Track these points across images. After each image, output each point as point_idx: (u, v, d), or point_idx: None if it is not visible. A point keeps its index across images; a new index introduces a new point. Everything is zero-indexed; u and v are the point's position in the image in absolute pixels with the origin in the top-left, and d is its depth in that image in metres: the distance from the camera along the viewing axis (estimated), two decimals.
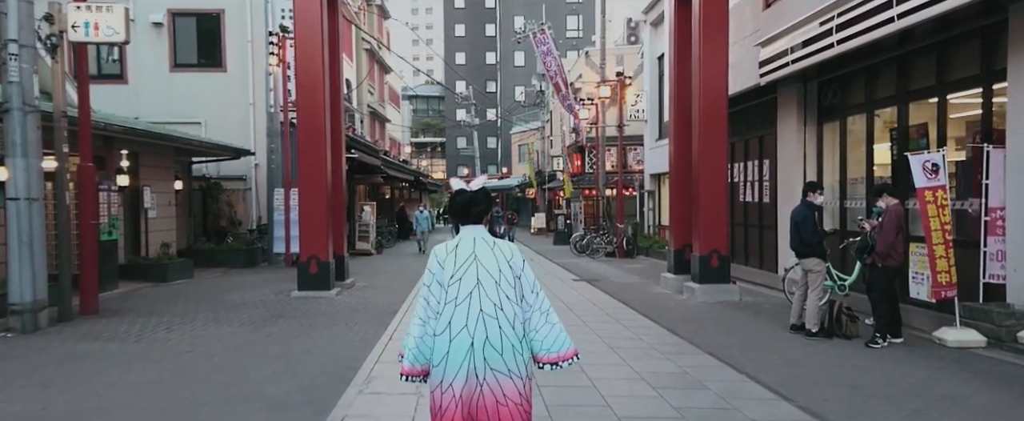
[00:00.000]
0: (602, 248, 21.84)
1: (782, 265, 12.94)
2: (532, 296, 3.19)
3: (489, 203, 3.31)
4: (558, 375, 6.24)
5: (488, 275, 3.10)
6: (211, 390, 5.82)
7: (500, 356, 3.04)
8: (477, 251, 3.14)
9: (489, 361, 3.02)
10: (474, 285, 3.08)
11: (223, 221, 19.35)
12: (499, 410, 3.04)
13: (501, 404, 3.05)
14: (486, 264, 3.12)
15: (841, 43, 9.84)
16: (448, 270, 3.12)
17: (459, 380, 3.02)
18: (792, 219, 8.34)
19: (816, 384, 5.99)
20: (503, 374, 3.04)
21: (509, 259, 3.16)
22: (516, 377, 3.07)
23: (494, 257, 3.14)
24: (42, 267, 8.44)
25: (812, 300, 8.05)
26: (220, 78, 19.88)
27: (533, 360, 3.19)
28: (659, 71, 22.74)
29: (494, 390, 3.04)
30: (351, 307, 10.56)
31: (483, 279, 3.09)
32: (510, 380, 3.06)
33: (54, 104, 8.89)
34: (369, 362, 6.66)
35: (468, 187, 3.27)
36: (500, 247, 3.19)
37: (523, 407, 3.10)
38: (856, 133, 11.55)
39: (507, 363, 3.05)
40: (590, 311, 10.27)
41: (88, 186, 9.70)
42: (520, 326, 3.12)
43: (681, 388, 5.89)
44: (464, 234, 3.21)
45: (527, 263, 3.25)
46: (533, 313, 3.18)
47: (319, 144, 11.76)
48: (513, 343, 3.07)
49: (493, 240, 3.22)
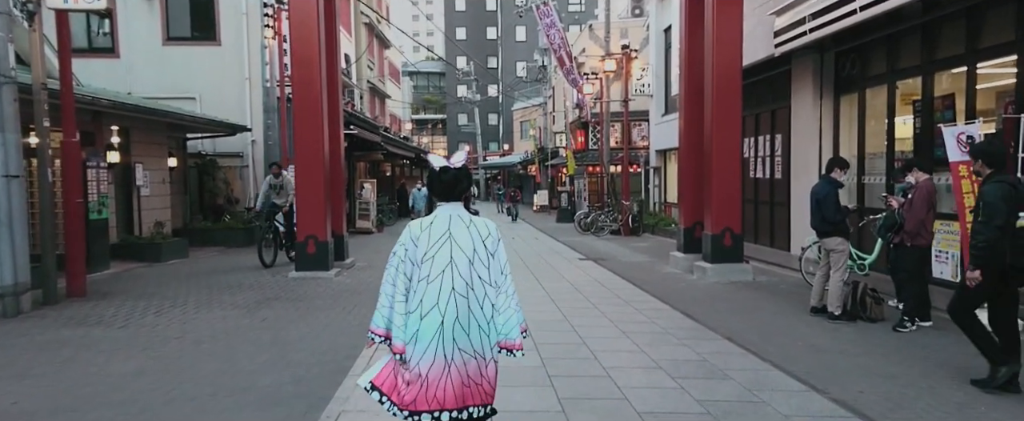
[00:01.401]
0: (607, 226, 21.42)
1: (796, 243, 12.53)
2: (501, 278, 3.17)
3: (470, 181, 3.30)
4: (570, 364, 5.91)
5: (462, 253, 3.07)
6: (198, 382, 5.42)
7: (467, 336, 3.02)
8: (452, 229, 3.10)
9: (457, 341, 3.01)
10: (447, 263, 3.04)
11: (220, 199, 18.91)
12: (464, 391, 3.03)
13: (466, 385, 3.03)
14: (461, 242, 3.08)
15: (863, 9, 9.33)
16: (421, 247, 3.08)
17: (426, 360, 3.00)
18: (813, 196, 7.88)
19: (847, 373, 5.58)
20: (469, 355, 3.03)
21: (484, 238, 3.13)
22: (481, 358, 3.06)
23: (469, 235, 3.11)
24: (24, 248, 8.01)
25: (835, 281, 7.62)
26: (215, 52, 19.33)
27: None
28: (665, 44, 22.17)
29: (460, 370, 3.02)
30: (350, 288, 10.15)
31: (457, 257, 3.06)
32: (475, 361, 3.05)
33: (33, 75, 8.40)
34: (368, 350, 6.25)
35: (451, 164, 3.19)
36: (476, 225, 3.16)
37: (483, 387, 3.08)
38: (876, 105, 11.07)
39: (473, 343, 3.04)
40: (599, 292, 9.86)
41: (73, 163, 9.25)
42: (490, 307, 3.10)
43: (702, 378, 5.49)
44: (440, 212, 3.16)
45: (501, 243, 3.22)
46: (500, 295, 3.16)
47: (315, 119, 11.30)
48: (480, 323, 3.06)
49: (469, 218, 3.18)
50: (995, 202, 4.85)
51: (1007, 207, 4.85)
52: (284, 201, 12.90)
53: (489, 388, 3.11)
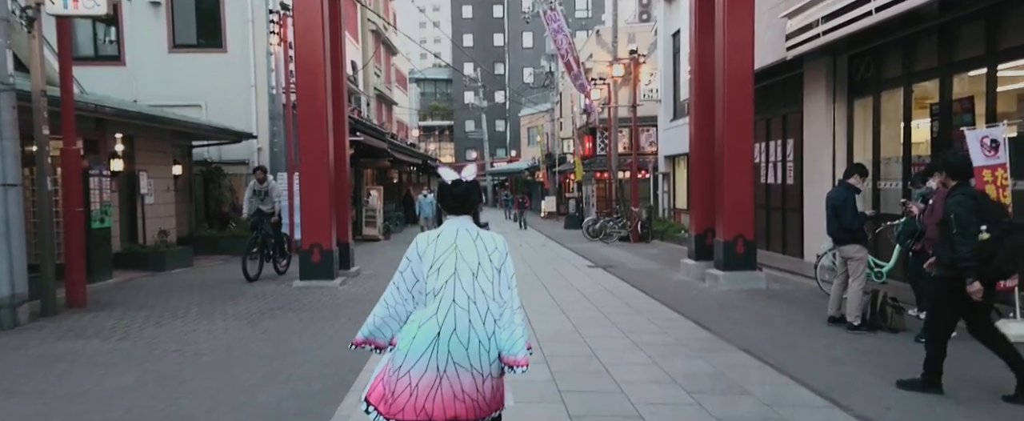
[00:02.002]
0: (616, 232, 21.20)
1: (808, 250, 12.30)
2: (508, 292, 3.08)
3: (481, 194, 3.26)
4: (581, 379, 5.68)
5: (466, 267, 3.01)
6: (197, 397, 5.23)
7: (465, 350, 2.93)
8: (458, 242, 3.05)
9: (453, 354, 2.92)
10: (450, 275, 2.99)
11: (225, 207, 18.76)
12: (455, 404, 2.93)
13: (458, 399, 2.93)
14: (466, 255, 3.03)
15: (879, 10, 9.11)
16: (427, 260, 3.04)
17: (418, 369, 2.92)
18: (830, 203, 7.64)
19: (871, 388, 5.34)
20: (465, 369, 2.93)
21: (491, 252, 3.07)
22: (477, 373, 2.95)
23: (474, 249, 3.05)
24: (21, 258, 7.84)
25: (854, 290, 7.38)
26: (220, 59, 19.22)
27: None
28: (674, 48, 21.98)
29: (453, 384, 2.93)
30: (355, 298, 9.96)
31: (460, 270, 3.00)
32: (470, 376, 2.94)
33: (32, 82, 8.25)
34: (371, 363, 6.04)
35: (462, 176, 3.14)
36: (483, 239, 3.09)
37: (478, 403, 2.96)
38: (891, 109, 10.85)
39: (470, 358, 2.93)
40: (609, 301, 9.64)
41: (73, 171, 9.09)
42: (491, 323, 2.99)
43: (720, 393, 5.26)
44: (447, 225, 3.12)
45: (509, 257, 3.14)
46: (505, 309, 3.05)
47: (320, 126, 11.14)
48: (481, 339, 2.96)
49: (476, 231, 3.12)
50: (963, 213, 4.93)
51: (977, 219, 4.91)
52: (270, 208, 12.13)
53: (484, 404, 3.00)
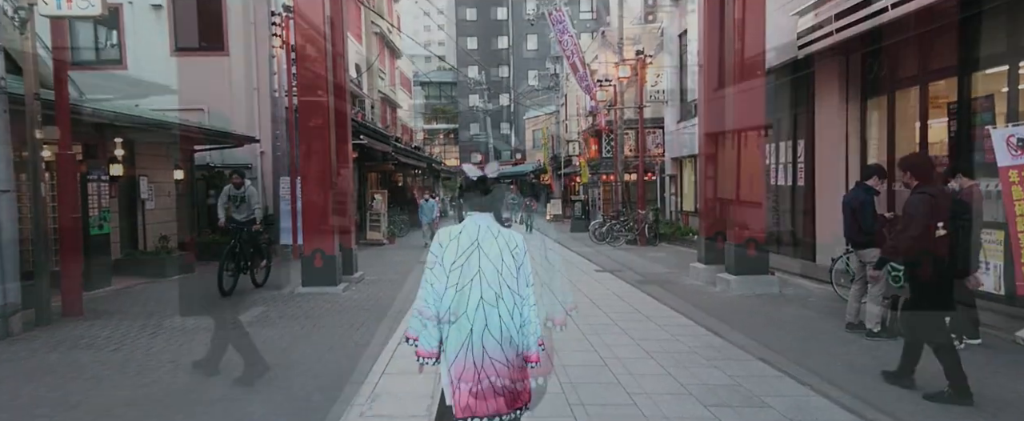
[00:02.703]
0: (623, 235, 20.92)
1: (821, 254, 12.01)
2: (526, 289, 3.16)
3: (504, 192, 3.34)
4: (593, 390, 5.42)
5: (490, 263, 3.08)
6: (190, 413, 5.00)
7: (499, 344, 3.03)
8: (480, 239, 3.11)
9: (488, 349, 3.02)
10: (475, 272, 3.06)
11: None
12: (496, 398, 3.03)
13: (498, 393, 3.03)
14: (488, 252, 3.09)
15: (895, 7, 8.84)
16: (450, 255, 3.10)
17: (457, 368, 3.03)
18: (847, 205, 7.39)
19: (896, 400, 5.09)
20: (501, 363, 3.04)
21: (513, 249, 3.13)
22: (513, 366, 3.07)
23: (497, 246, 3.11)
24: (13, 266, 7.61)
25: (873, 295, 7.11)
26: (223, 62, 18.99)
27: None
28: (680, 49, 21.73)
29: (490, 377, 3.03)
30: (358, 304, 9.73)
31: (485, 267, 3.07)
32: (507, 368, 3.05)
33: (25, 84, 8.04)
34: (374, 375, 5.81)
35: (485, 173, 3.20)
36: (504, 236, 3.15)
37: (521, 396, 3.09)
38: (906, 108, 10.56)
39: (505, 352, 3.04)
40: (618, 307, 9.38)
41: (69, 176, 8.88)
42: (518, 316, 3.10)
43: (737, 405, 5.01)
44: (469, 221, 3.17)
45: (528, 255, 3.20)
46: (525, 306, 3.14)
47: (321, 129, 10.93)
48: (512, 333, 3.07)
49: (498, 228, 3.18)
50: (915, 214, 5.16)
51: (926, 218, 5.12)
52: (245, 216, 10.98)
53: (516, 395, 3.10)
